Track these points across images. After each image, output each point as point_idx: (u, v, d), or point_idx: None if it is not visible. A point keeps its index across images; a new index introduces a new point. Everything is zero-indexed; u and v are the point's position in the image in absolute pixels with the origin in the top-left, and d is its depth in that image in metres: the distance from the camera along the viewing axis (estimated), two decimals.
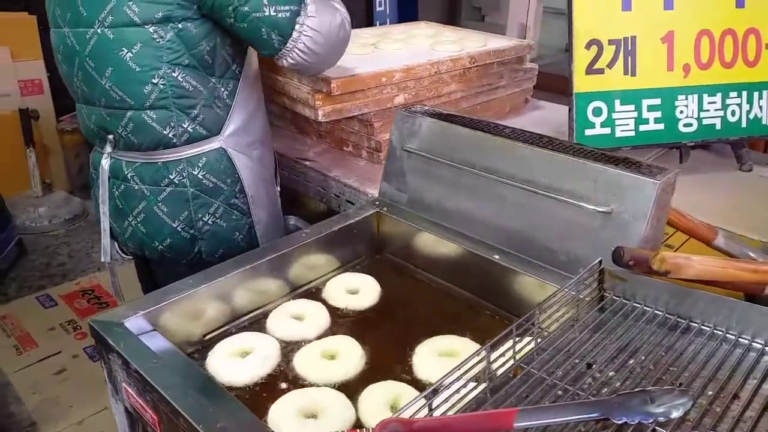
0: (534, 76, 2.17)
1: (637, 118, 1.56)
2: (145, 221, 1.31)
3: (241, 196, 1.34)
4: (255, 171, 1.36)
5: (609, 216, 0.95)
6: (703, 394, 0.69)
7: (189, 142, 1.25)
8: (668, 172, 0.92)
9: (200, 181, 1.28)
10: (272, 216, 1.44)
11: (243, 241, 1.37)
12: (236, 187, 1.32)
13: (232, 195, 1.32)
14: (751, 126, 1.64)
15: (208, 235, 1.32)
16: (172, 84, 1.19)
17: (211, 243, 1.33)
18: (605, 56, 1.52)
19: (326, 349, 0.96)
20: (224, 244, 1.35)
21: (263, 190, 1.40)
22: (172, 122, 1.22)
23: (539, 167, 1.02)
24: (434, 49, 1.93)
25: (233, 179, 1.31)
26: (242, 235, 1.36)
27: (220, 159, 1.29)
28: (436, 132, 1.17)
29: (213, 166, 1.28)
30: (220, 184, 1.30)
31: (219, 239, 1.34)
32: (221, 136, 1.29)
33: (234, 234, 1.35)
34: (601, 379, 0.74)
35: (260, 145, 1.39)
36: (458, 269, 1.14)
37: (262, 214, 1.39)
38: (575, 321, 0.85)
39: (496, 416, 0.61)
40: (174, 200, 1.28)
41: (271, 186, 1.45)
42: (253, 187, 1.36)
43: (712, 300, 0.81)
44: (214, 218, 1.31)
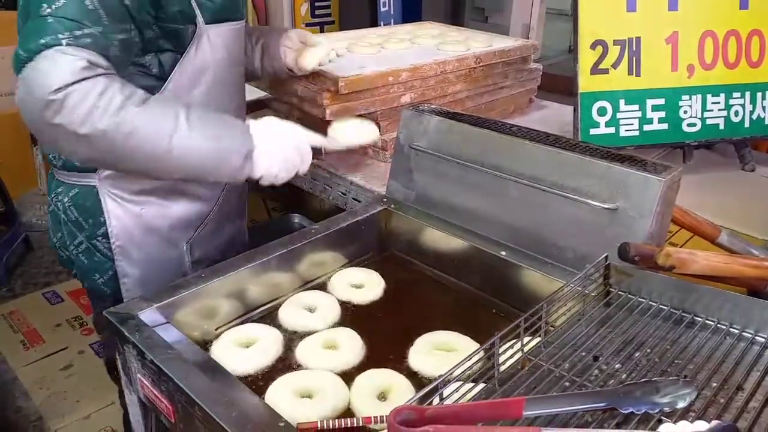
0: (538, 77, 2.19)
1: (641, 118, 1.57)
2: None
3: (104, 240, 1.20)
4: (136, 223, 1.19)
5: (615, 213, 0.96)
6: (707, 386, 0.71)
7: (65, 169, 1.17)
8: (673, 170, 0.94)
9: (66, 210, 1.19)
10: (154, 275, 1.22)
11: (105, 286, 1.24)
12: (98, 230, 1.19)
13: (93, 236, 1.20)
14: (754, 126, 1.66)
15: (76, 263, 1.24)
16: None
17: (79, 272, 1.26)
18: (610, 56, 1.54)
19: (328, 339, 0.98)
20: (86, 280, 1.26)
21: (146, 245, 1.21)
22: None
23: (546, 165, 1.04)
24: (440, 49, 1.94)
25: (96, 221, 1.18)
26: (103, 279, 1.23)
27: (89, 197, 1.17)
28: (443, 130, 1.19)
29: (78, 201, 1.18)
30: (81, 221, 1.19)
31: (82, 272, 1.25)
32: (97, 174, 1.15)
33: (94, 275, 1.23)
34: (608, 371, 0.75)
35: (162, 198, 1.20)
36: (465, 265, 1.16)
37: (132, 270, 1.21)
38: (581, 315, 0.87)
39: (505, 405, 0.63)
40: (53, 218, 1.24)
41: (169, 246, 1.23)
42: (126, 238, 1.19)
43: (716, 295, 0.83)
44: (78, 251, 1.22)
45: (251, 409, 0.75)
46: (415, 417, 0.59)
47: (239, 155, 1.02)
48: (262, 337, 0.99)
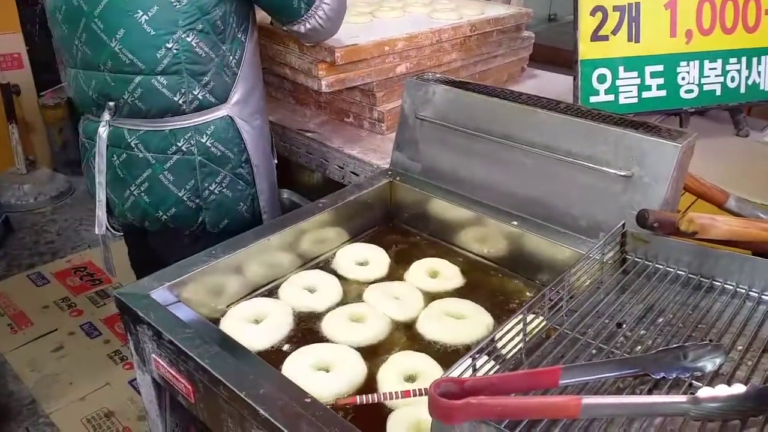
0: (530, 45, 2.17)
1: (640, 85, 1.57)
2: (149, 190, 1.28)
3: (246, 166, 1.33)
4: (257, 141, 1.35)
5: (629, 180, 0.96)
6: (733, 349, 0.72)
7: (198, 110, 1.23)
8: (688, 136, 0.94)
9: (208, 149, 1.26)
10: (272, 188, 1.44)
11: (247, 212, 1.36)
12: (242, 157, 1.31)
13: (238, 164, 1.31)
14: (749, 92, 1.66)
15: (213, 205, 1.31)
16: (186, 49, 1.17)
17: (216, 213, 1.32)
18: (610, 23, 1.52)
19: (354, 312, 0.97)
20: (228, 215, 1.34)
21: (264, 161, 1.39)
22: (183, 88, 1.20)
23: (558, 133, 1.03)
24: (432, 17, 1.91)
25: (240, 148, 1.30)
26: (246, 206, 1.36)
27: (227, 128, 1.28)
28: (450, 99, 1.17)
29: (221, 135, 1.27)
30: (227, 153, 1.29)
31: (224, 209, 1.32)
32: (228, 104, 1.27)
33: (238, 205, 1.34)
34: (633, 338, 0.75)
35: (260, 116, 1.38)
36: (474, 236, 1.15)
37: (264, 185, 1.38)
38: (600, 283, 0.87)
39: (541, 374, 0.63)
40: (181, 168, 1.26)
41: (270, 158, 1.44)
42: (257, 157, 1.35)
43: (733, 259, 0.83)
44: (221, 187, 1.30)
45: (277, 386, 0.74)
46: (454, 389, 0.58)
47: None
48: (272, 312, 0.97)
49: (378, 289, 1.05)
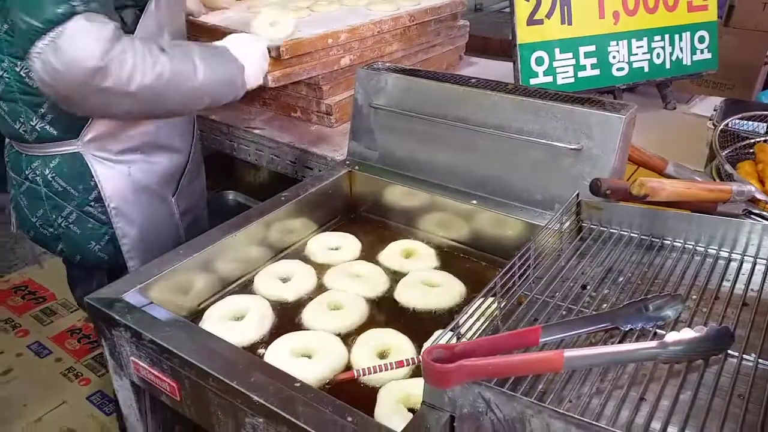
0: (466, 33, 2.23)
1: (575, 65, 1.65)
2: (17, 208, 1.24)
3: (97, 205, 1.18)
4: (127, 182, 1.19)
5: (580, 152, 1.02)
6: (689, 299, 0.78)
7: (40, 141, 1.13)
8: (630, 108, 1.01)
9: (50, 182, 1.16)
10: (146, 233, 1.24)
11: (102, 252, 1.22)
12: (90, 195, 1.17)
13: (85, 202, 1.18)
14: (674, 67, 1.78)
15: (65, 237, 1.21)
16: (16, 79, 1.08)
17: (69, 246, 1.23)
18: (544, 7, 1.59)
19: (331, 300, 0.99)
20: (80, 251, 1.23)
21: (139, 204, 1.22)
22: (21, 118, 1.11)
23: (509, 112, 1.08)
24: (369, 9, 1.94)
25: (87, 186, 1.16)
26: (99, 246, 1.21)
27: (74, 164, 1.15)
28: (402, 87, 1.20)
29: (64, 170, 1.15)
30: (70, 189, 1.16)
31: (74, 244, 1.22)
32: (80, 140, 1.13)
33: (89, 243, 1.21)
34: (598, 297, 0.81)
35: (146, 155, 1.21)
36: (436, 219, 1.19)
37: (130, 229, 1.21)
38: (561, 251, 0.92)
39: (524, 334, 0.67)
40: (31, 196, 1.19)
41: (160, 201, 1.26)
42: (118, 199, 1.19)
43: (680, 218, 0.90)
44: (68, 222, 1.19)
45: (266, 374, 0.75)
46: (445, 354, 0.62)
47: (238, 75, 1.15)
48: (252, 307, 0.98)
49: (339, 270, 1.08)
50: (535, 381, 0.65)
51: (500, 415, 0.60)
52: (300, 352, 0.88)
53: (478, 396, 0.61)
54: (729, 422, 0.59)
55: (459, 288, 1.02)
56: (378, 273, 1.08)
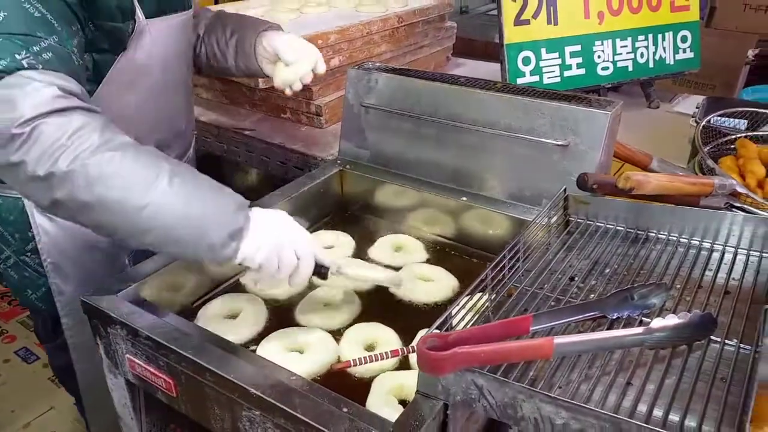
0: (453, 34, 2.26)
1: (561, 65, 1.68)
2: None
3: (33, 257, 1.09)
4: (70, 238, 1.08)
5: (567, 149, 1.04)
6: (673, 288, 0.81)
7: None
8: (616, 104, 1.03)
9: None
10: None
11: (38, 302, 1.14)
12: (26, 246, 1.08)
13: (21, 251, 1.10)
14: (657, 66, 1.82)
15: (5, 278, 1.15)
16: None
17: (10, 287, 1.16)
18: (530, 7, 1.62)
19: (326, 299, 1.00)
20: (18, 295, 1.16)
21: (81, 261, 1.11)
22: None
23: (498, 110, 1.10)
24: (359, 11, 1.96)
25: (24, 237, 1.07)
26: (37, 295, 1.14)
27: (13, 210, 1.06)
28: (393, 86, 1.22)
29: (1, 214, 1.07)
30: (6, 235, 1.09)
31: (13, 288, 1.16)
32: None
33: (26, 290, 1.14)
34: (586, 288, 0.83)
35: None
36: (428, 216, 1.20)
37: (68, 288, 1.11)
38: (549, 245, 0.94)
39: (515, 322, 0.69)
40: None
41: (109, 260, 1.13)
42: (58, 255, 1.09)
43: (664, 211, 0.93)
44: (5, 265, 1.13)
45: (262, 368, 0.77)
46: (439, 343, 0.63)
47: (224, 229, 0.80)
48: (246, 306, 0.99)
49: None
50: (526, 368, 0.67)
51: (492, 401, 0.62)
52: (291, 348, 0.90)
53: (471, 383, 0.63)
54: (712, 404, 0.61)
55: (452, 282, 1.04)
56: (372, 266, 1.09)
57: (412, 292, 1.02)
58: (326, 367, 0.87)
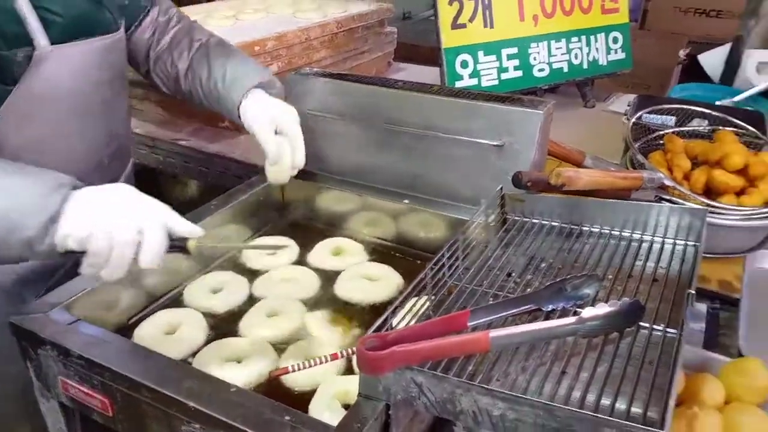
0: (394, 40, 2.28)
1: (499, 68, 1.72)
2: None
3: None
4: None
5: (502, 148, 1.06)
6: (605, 278, 0.83)
7: None
8: (547, 103, 1.06)
9: None
10: None
11: None
12: None
13: None
14: (591, 67, 1.88)
15: None
16: None
17: None
18: (466, 11, 1.65)
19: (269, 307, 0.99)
20: None
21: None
22: None
23: (435, 113, 1.11)
24: (297, 16, 1.95)
25: None
26: None
27: None
28: (331, 91, 1.22)
29: None
30: None
31: None
32: None
33: None
34: (523, 283, 0.85)
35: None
36: (370, 220, 1.21)
37: None
38: (488, 243, 0.96)
39: (453, 318, 0.70)
40: None
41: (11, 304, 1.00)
42: None
43: (595, 205, 0.96)
44: None
45: (199, 381, 0.75)
46: (379, 343, 0.63)
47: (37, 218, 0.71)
48: (185, 320, 0.97)
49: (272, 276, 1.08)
50: (465, 364, 0.68)
51: (432, 398, 0.63)
52: (229, 358, 0.88)
53: (411, 381, 0.63)
54: (641, 386, 0.63)
55: (398, 280, 1.05)
56: (310, 274, 1.08)
57: (357, 291, 1.02)
58: (266, 376, 0.85)
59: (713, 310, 1.05)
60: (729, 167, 1.15)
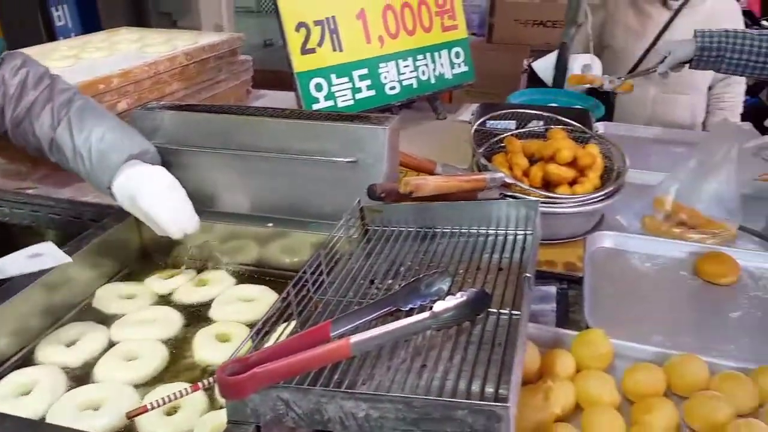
0: (250, 68, 2.28)
1: (352, 89, 1.78)
2: None
3: None
4: None
5: (356, 164, 1.11)
6: (457, 273, 0.89)
7: None
8: (392, 119, 1.12)
9: None
10: None
11: None
12: None
13: None
14: (438, 81, 2.00)
15: None
16: None
17: None
18: (314, 36, 1.70)
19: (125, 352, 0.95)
20: None
21: None
22: None
23: (289, 135, 1.14)
24: (144, 52, 1.90)
25: None
26: None
27: None
28: (180, 123, 1.20)
29: None
30: None
31: None
32: None
33: None
34: (384, 287, 0.89)
35: None
36: (236, 247, 1.20)
37: None
38: (351, 254, 0.99)
39: (314, 331, 0.71)
40: None
41: None
42: None
43: (446, 207, 1.02)
44: None
45: None
46: (241, 367, 0.63)
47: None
48: (40, 378, 0.90)
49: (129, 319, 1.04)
50: (331, 374, 0.70)
51: (299, 411, 0.64)
52: (86, 407, 0.84)
53: (277, 399, 0.64)
54: (492, 367, 0.68)
55: (274, 297, 1.06)
56: (172, 312, 1.06)
57: (234, 314, 1.02)
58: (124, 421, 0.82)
59: (562, 291, 1.16)
60: (561, 161, 1.28)
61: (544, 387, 0.85)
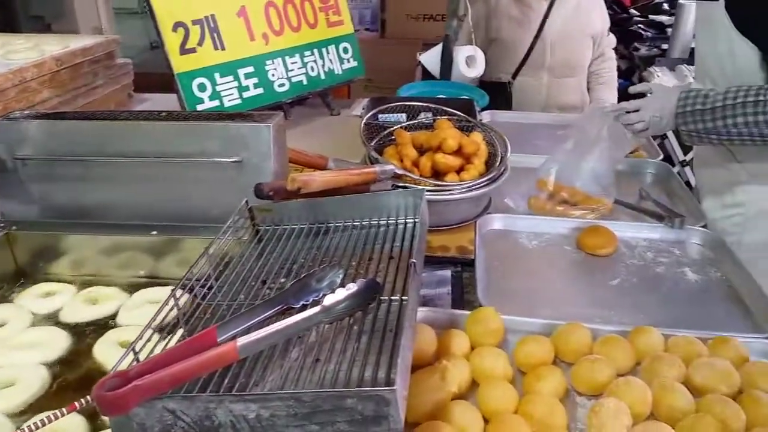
0: (130, 71, 2.17)
1: (238, 87, 1.73)
2: None
3: None
4: None
5: (241, 164, 1.08)
6: (350, 265, 0.89)
7: None
8: (276, 116, 1.10)
9: None
10: None
11: None
12: None
13: None
14: (328, 77, 2.00)
15: None
16: None
17: None
18: (193, 36, 1.64)
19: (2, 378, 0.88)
20: None
21: None
22: None
23: (167, 139, 1.09)
24: (8, 58, 1.76)
25: None
26: None
27: None
28: (49, 132, 1.12)
29: None
30: None
31: None
32: None
33: None
34: (276, 287, 0.87)
35: None
36: (123, 259, 1.14)
37: None
38: (242, 257, 0.97)
39: (200, 338, 0.68)
40: None
41: None
42: None
43: (337, 202, 1.02)
44: None
45: None
46: (121, 381, 0.60)
47: None
48: None
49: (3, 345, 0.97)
50: (222, 379, 0.68)
51: (188, 420, 0.61)
52: None
53: (163, 410, 0.61)
54: (383, 353, 0.69)
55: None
56: (57, 332, 0.98)
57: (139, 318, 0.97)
58: None
59: (456, 274, 1.19)
60: (447, 150, 1.31)
61: (440, 367, 0.87)
